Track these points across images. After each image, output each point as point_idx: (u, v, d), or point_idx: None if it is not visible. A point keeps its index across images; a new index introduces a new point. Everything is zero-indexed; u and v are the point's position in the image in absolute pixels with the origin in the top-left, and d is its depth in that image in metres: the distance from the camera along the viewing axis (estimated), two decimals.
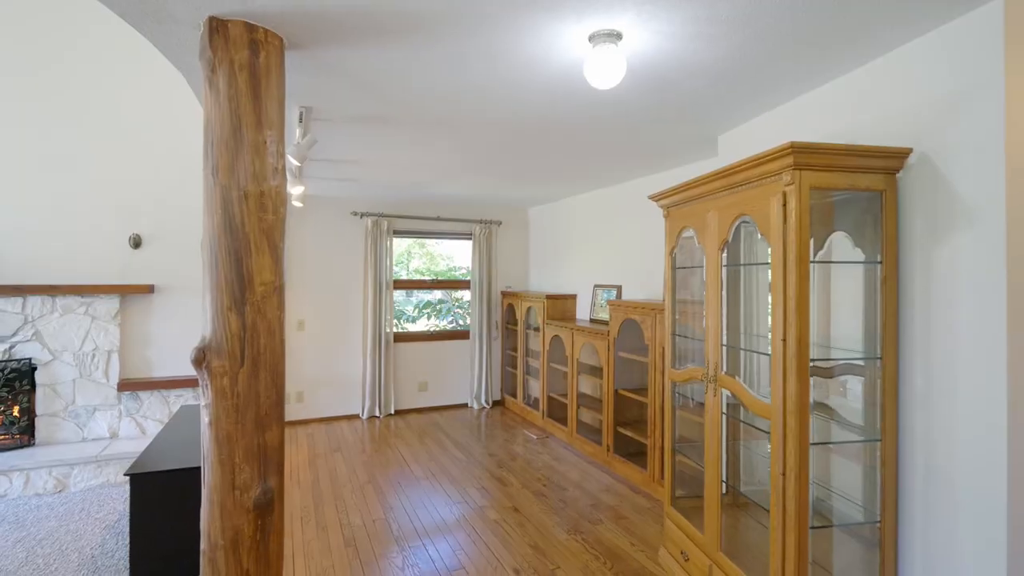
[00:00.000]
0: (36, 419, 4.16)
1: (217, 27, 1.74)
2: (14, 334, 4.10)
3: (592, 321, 5.06)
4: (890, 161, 1.92)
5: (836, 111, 2.30)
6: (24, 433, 4.11)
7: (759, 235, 2.08)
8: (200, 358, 1.73)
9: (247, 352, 1.75)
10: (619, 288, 4.82)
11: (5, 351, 4.07)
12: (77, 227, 4.32)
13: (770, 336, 2.00)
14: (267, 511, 1.80)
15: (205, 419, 1.75)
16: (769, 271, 2.02)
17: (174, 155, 4.60)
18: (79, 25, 4.21)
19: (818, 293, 2.33)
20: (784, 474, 1.92)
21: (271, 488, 1.81)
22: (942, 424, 1.82)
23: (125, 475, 2.59)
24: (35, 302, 4.15)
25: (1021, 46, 1.64)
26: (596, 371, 4.71)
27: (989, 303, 1.67)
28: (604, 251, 5.17)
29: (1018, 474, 1.62)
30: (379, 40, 1.94)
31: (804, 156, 1.84)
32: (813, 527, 2.00)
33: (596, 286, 5.16)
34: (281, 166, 1.86)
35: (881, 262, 1.97)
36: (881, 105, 2.08)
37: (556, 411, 5.35)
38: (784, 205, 1.90)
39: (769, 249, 2.00)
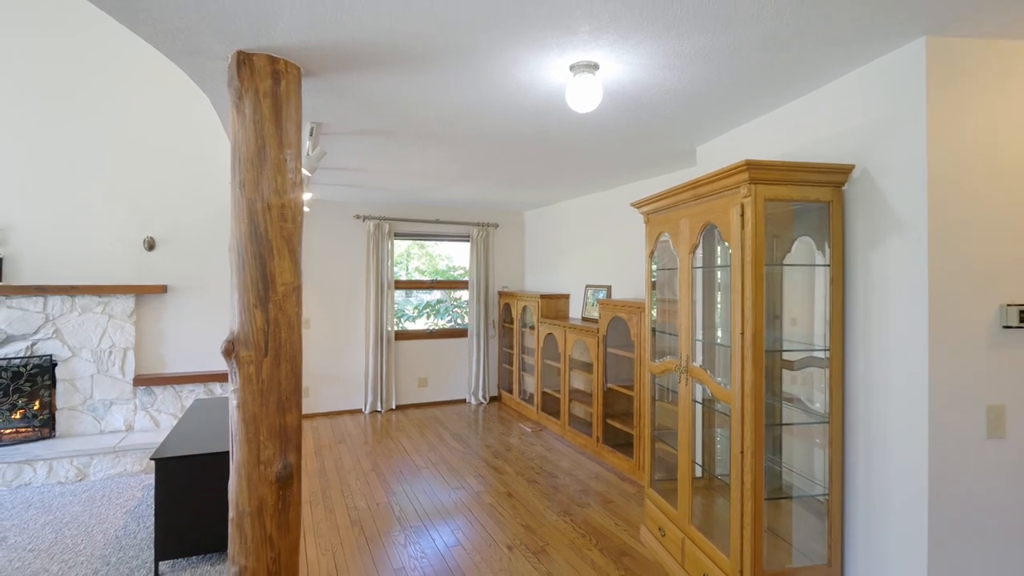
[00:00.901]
0: (56, 413, 4.40)
1: (244, 60, 1.99)
2: (36, 332, 4.34)
3: (584, 319, 5.31)
4: (835, 176, 2.18)
5: (795, 129, 2.55)
6: (45, 426, 4.35)
7: (724, 240, 2.33)
8: (229, 349, 1.98)
9: (270, 344, 2.00)
10: (609, 288, 5.08)
11: (27, 348, 4.31)
12: (95, 231, 4.57)
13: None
14: (287, 484, 2.05)
15: (233, 402, 2.00)
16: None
17: (186, 163, 4.85)
18: (98, 38, 4.46)
19: (786, 293, 2.58)
20: (742, 452, 2.18)
21: (290, 463, 2.06)
22: (879, 405, 2.07)
23: (151, 459, 2.84)
24: (55, 301, 4.39)
25: (941, 79, 1.90)
26: (587, 367, 4.96)
27: (914, 299, 1.93)
28: (595, 252, 5.43)
29: (936, 441, 1.88)
30: (384, 68, 2.20)
31: (758, 172, 2.10)
32: (768, 498, 2.25)
33: (588, 286, 5.42)
34: (298, 180, 2.11)
35: (829, 264, 2.23)
36: (831, 126, 2.33)
37: (550, 405, 5.61)
38: (742, 215, 2.16)
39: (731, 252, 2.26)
